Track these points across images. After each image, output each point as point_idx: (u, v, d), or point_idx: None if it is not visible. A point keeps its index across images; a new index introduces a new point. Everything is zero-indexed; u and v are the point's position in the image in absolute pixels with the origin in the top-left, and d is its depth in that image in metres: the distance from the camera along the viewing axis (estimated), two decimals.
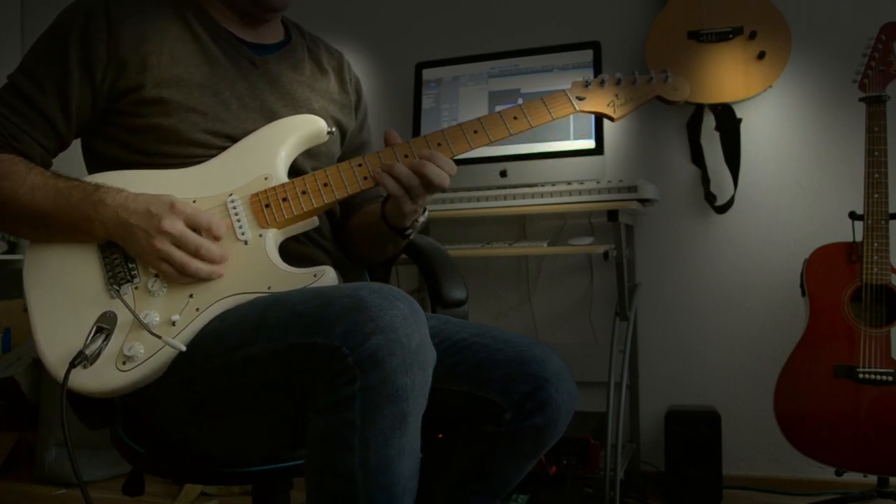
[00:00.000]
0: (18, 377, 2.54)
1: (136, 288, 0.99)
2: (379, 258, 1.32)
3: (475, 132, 1.10)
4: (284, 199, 1.05)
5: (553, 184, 2.02)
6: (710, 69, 2.15)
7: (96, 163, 1.13)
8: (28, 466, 2.61)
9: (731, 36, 2.13)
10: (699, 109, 2.26)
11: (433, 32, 2.62)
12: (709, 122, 2.26)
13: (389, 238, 1.19)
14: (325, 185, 1.06)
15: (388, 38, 2.67)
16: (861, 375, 1.79)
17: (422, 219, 1.15)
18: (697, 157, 2.28)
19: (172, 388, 0.97)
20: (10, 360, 2.66)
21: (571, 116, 2.12)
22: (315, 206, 1.06)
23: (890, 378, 1.76)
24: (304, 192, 1.06)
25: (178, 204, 0.99)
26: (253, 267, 1.01)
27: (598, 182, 1.95)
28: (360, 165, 1.07)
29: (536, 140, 2.16)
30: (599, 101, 1.13)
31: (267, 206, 1.04)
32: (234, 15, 1.18)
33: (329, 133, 1.16)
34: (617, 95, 1.14)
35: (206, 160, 1.09)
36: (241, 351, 0.92)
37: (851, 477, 1.88)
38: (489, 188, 2.12)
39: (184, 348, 0.94)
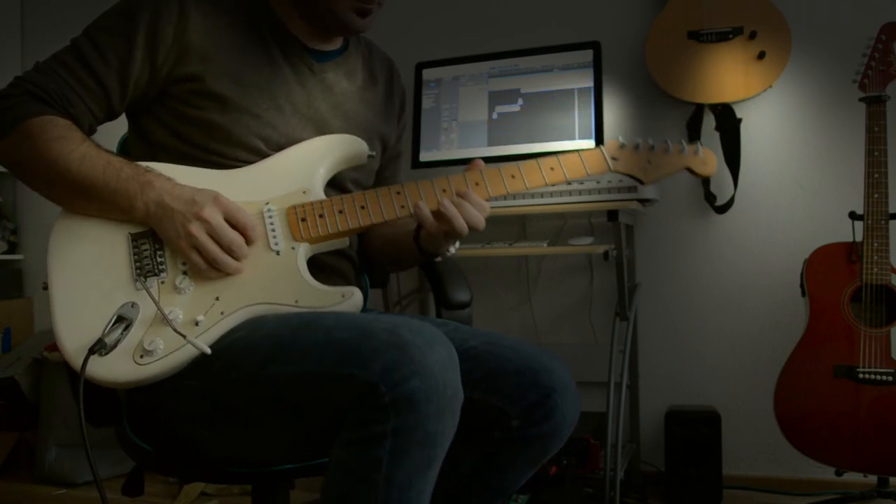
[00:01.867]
0: (18, 377, 2.54)
1: (163, 283, 0.99)
2: (397, 269, 1.35)
3: (513, 177, 1.11)
4: (321, 216, 1.05)
5: (553, 184, 2.02)
6: (710, 69, 2.15)
7: (143, 144, 1.12)
8: (28, 466, 2.61)
9: (731, 36, 2.13)
10: (699, 109, 2.26)
11: (433, 32, 2.62)
12: (709, 122, 2.26)
13: (416, 257, 1.20)
14: (363, 207, 1.07)
15: (388, 38, 2.65)
16: (861, 375, 1.79)
17: (453, 249, 1.16)
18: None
19: (190, 390, 0.96)
20: (10, 360, 2.66)
21: (577, 116, 2.14)
22: (350, 227, 1.06)
23: (890, 378, 1.76)
24: (340, 212, 1.06)
25: (222, 198, 1.00)
26: (282, 279, 1.01)
27: (598, 182, 1.95)
28: (398, 193, 1.08)
29: (536, 140, 2.16)
30: (632, 164, 1.15)
31: (303, 219, 1.05)
32: (304, 22, 1.17)
33: (370, 156, 1.17)
34: (649, 161, 1.16)
35: (248, 164, 1.09)
36: (269, 367, 0.91)
37: (851, 477, 1.88)
38: None
39: (208, 351, 0.94)
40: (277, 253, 1.02)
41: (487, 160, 2.15)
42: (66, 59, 1.05)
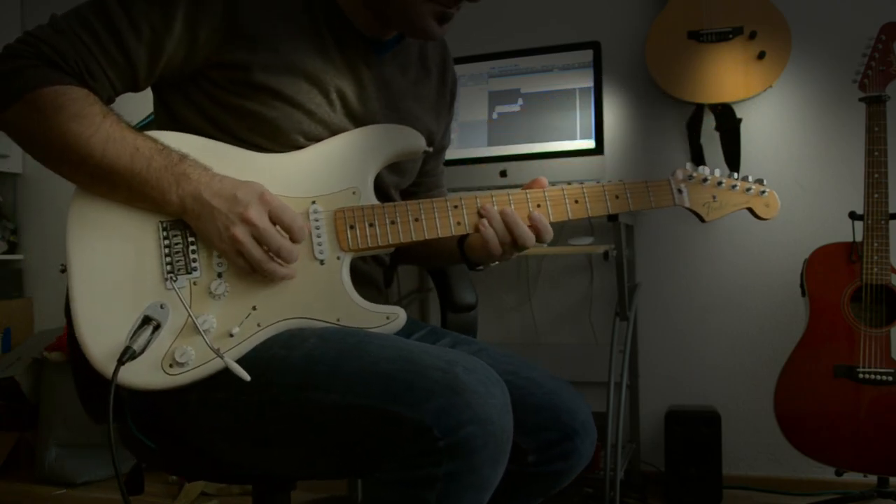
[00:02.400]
0: (18, 377, 2.54)
1: (195, 284, 0.90)
2: (424, 266, 1.26)
3: (576, 202, 1.03)
4: (371, 225, 0.96)
5: (553, 184, 2.02)
6: (710, 69, 2.15)
7: (167, 118, 1.02)
8: (28, 466, 2.60)
9: (731, 36, 2.13)
10: (699, 109, 2.26)
11: None
12: (709, 122, 2.26)
13: (454, 261, 1.14)
14: (416, 220, 0.98)
15: None
16: (861, 375, 1.79)
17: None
18: (697, 157, 2.28)
19: (216, 402, 0.90)
20: (10, 360, 2.66)
21: (577, 116, 2.14)
22: (402, 241, 0.97)
23: (890, 378, 1.76)
24: (392, 223, 0.97)
25: (268, 195, 0.90)
26: (325, 293, 0.94)
27: (598, 182, 1.94)
28: (455, 207, 0.99)
29: (536, 140, 2.16)
30: (696, 199, 1.09)
31: (352, 227, 0.96)
32: (369, 12, 1.03)
33: (426, 152, 1.07)
34: (714, 197, 1.10)
35: (305, 142, 1.00)
36: (308, 394, 0.85)
37: (851, 477, 1.88)
38: (489, 188, 2.11)
39: (248, 378, 0.86)
40: (321, 262, 0.94)
41: (487, 160, 2.18)
42: (91, 23, 0.91)
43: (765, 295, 2.25)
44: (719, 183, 1.10)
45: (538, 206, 1.01)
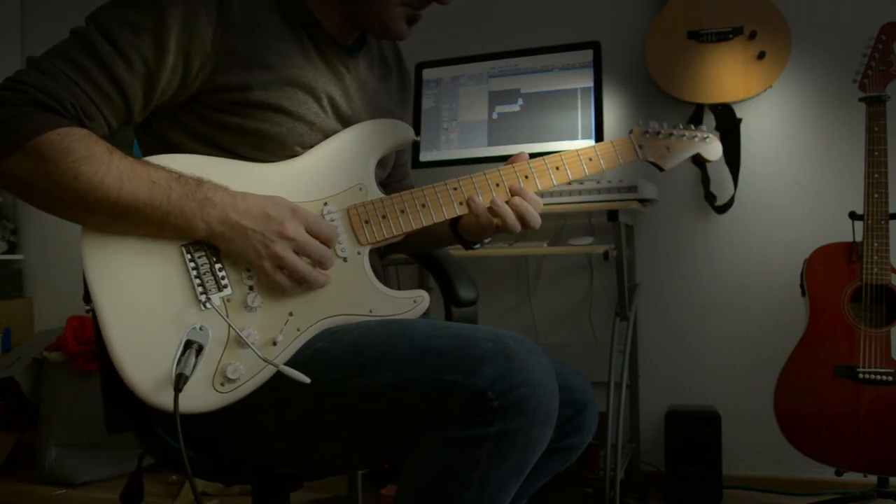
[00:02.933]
0: (18, 377, 2.54)
1: (229, 301, 0.91)
2: (415, 251, 1.31)
3: (557, 168, 1.11)
4: (384, 217, 1.00)
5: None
6: (710, 69, 2.15)
7: (152, 140, 1.00)
8: (28, 466, 2.61)
9: (731, 36, 2.13)
10: (699, 109, 2.26)
11: (433, 32, 2.61)
12: (709, 122, 2.26)
13: (448, 243, 1.18)
14: (423, 206, 1.03)
15: None
16: (861, 375, 1.79)
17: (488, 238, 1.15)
18: (697, 157, 2.28)
19: (265, 407, 0.91)
20: (10, 360, 2.66)
21: (577, 116, 2.14)
22: (413, 227, 1.02)
23: (890, 378, 1.76)
24: (402, 212, 1.01)
25: (300, 209, 0.92)
26: (353, 287, 0.97)
27: (598, 182, 1.95)
28: (455, 189, 1.05)
29: (537, 140, 2.16)
30: (654, 152, 1.19)
31: (367, 222, 0.99)
32: (339, 18, 1.06)
33: (415, 142, 1.15)
34: (668, 148, 1.20)
35: (300, 151, 1.01)
36: (360, 380, 0.87)
37: (851, 477, 1.88)
38: None
39: (308, 380, 0.87)
40: (345, 260, 0.97)
41: (487, 160, 2.18)
42: (76, 58, 0.87)
43: (765, 295, 2.25)
44: (670, 134, 1.20)
45: (526, 177, 1.08)
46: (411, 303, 0.98)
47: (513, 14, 2.53)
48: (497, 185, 1.07)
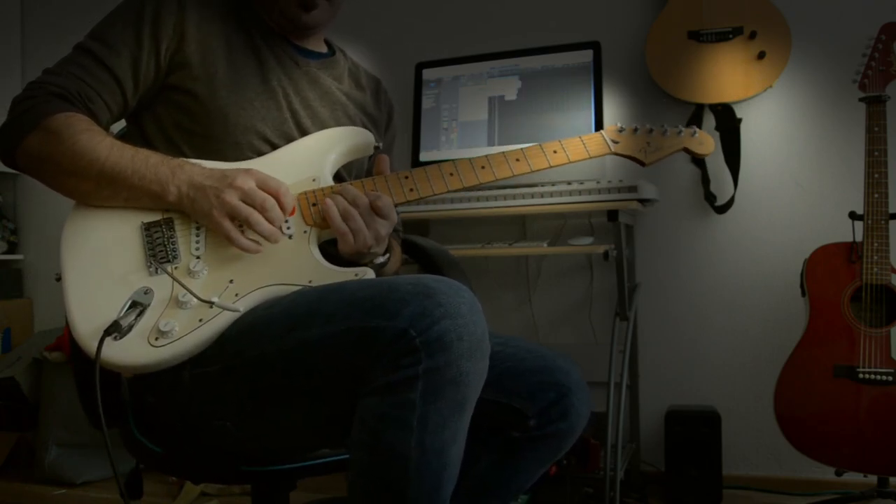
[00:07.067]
0: (18, 377, 2.54)
1: (176, 268, 1.00)
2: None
3: (517, 160, 1.13)
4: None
5: (553, 184, 2.02)
6: (710, 69, 2.15)
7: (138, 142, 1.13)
8: (28, 466, 2.61)
9: (731, 36, 2.13)
10: (699, 109, 2.26)
11: (433, 32, 2.62)
12: (709, 122, 2.26)
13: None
14: (372, 192, 1.07)
15: (388, 38, 2.67)
16: (861, 375, 1.79)
17: (381, 258, 1.12)
18: (697, 157, 2.28)
19: (211, 377, 0.95)
20: (10, 360, 2.66)
21: (577, 116, 2.14)
22: None
23: (890, 378, 1.76)
24: None
25: (254, 170, 1.03)
26: (295, 261, 1.02)
27: (598, 182, 1.95)
28: (406, 178, 1.10)
29: (536, 140, 2.16)
30: (632, 146, 1.19)
31: (314, 204, 1.06)
32: (284, 22, 1.21)
33: (376, 147, 1.18)
34: (648, 143, 1.20)
35: (252, 155, 1.11)
36: (294, 335, 0.91)
37: (851, 477, 1.88)
38: (489, 188, 2.11)
39: (241, 310, 0.95)
40: (290, 237, 1.04)
41: None
42: (78, 59, 1.08)
43: (765, 295, 2.25)
44: (650, 131, 1.21)
45: (482, 167, 1.12)
46: (353, 275, 1.00)
47: (512, 14, 2.53)
48: (451, 174, 1.11)
